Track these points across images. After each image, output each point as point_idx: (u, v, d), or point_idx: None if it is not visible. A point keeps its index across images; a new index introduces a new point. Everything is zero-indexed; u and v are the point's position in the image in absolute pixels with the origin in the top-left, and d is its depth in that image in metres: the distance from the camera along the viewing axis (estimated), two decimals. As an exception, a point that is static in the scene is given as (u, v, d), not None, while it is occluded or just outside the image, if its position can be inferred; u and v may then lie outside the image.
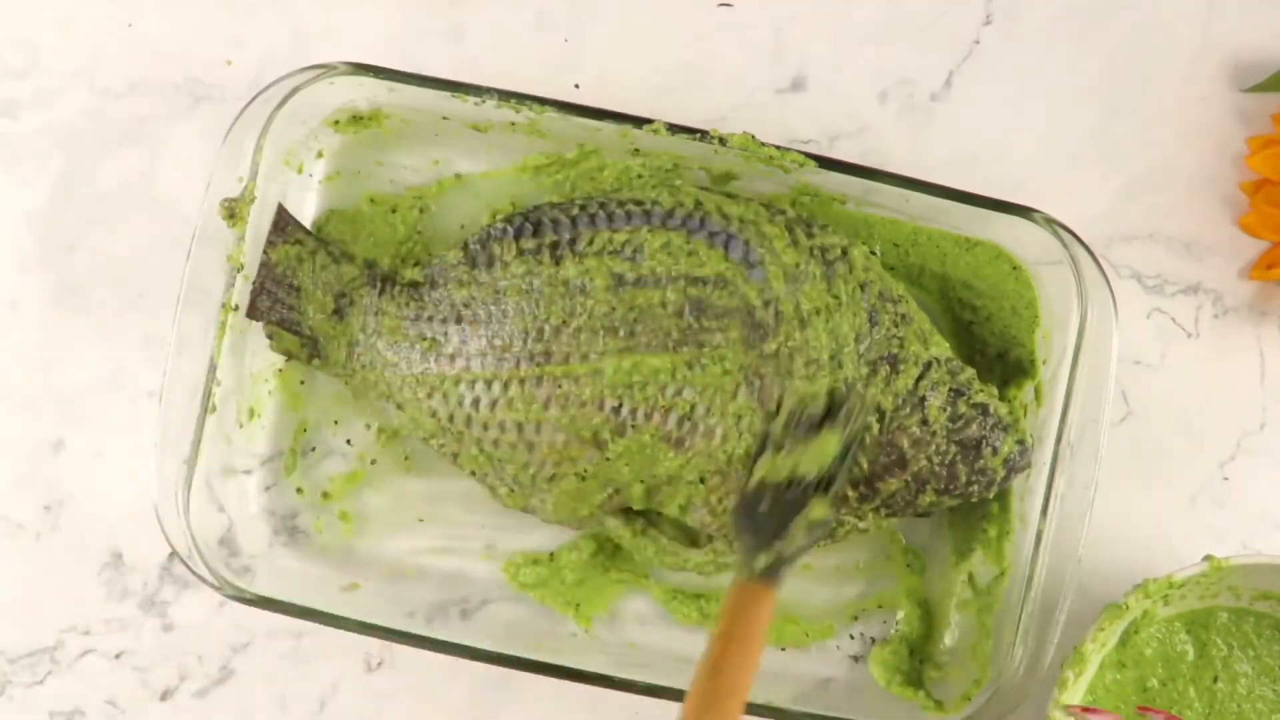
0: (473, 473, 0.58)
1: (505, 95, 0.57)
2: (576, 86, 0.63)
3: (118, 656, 0.62)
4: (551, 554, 0.61)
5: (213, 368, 0.58)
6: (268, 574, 0.59)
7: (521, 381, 0.56)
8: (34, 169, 0.63)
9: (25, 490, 0.62)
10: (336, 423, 0.61)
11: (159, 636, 0.62)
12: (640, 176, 0.59)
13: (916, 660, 0.60)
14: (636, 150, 0.59)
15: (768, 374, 0.55)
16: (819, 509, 0.53)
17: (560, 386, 0.56)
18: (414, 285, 0.58)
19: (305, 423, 0.61)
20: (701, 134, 0.57)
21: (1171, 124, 0.64)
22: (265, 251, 0.57)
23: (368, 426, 0.61)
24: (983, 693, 0.57)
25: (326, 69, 0.57)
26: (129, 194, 0.63)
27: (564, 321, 0.56)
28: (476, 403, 0.57)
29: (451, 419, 0.57)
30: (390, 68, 0.57)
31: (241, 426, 0.60)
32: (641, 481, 0.56)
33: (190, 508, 0.57)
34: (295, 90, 0.57)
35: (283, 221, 0.58)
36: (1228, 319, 0.63)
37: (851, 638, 0.61)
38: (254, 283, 0.57)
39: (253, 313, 0.58)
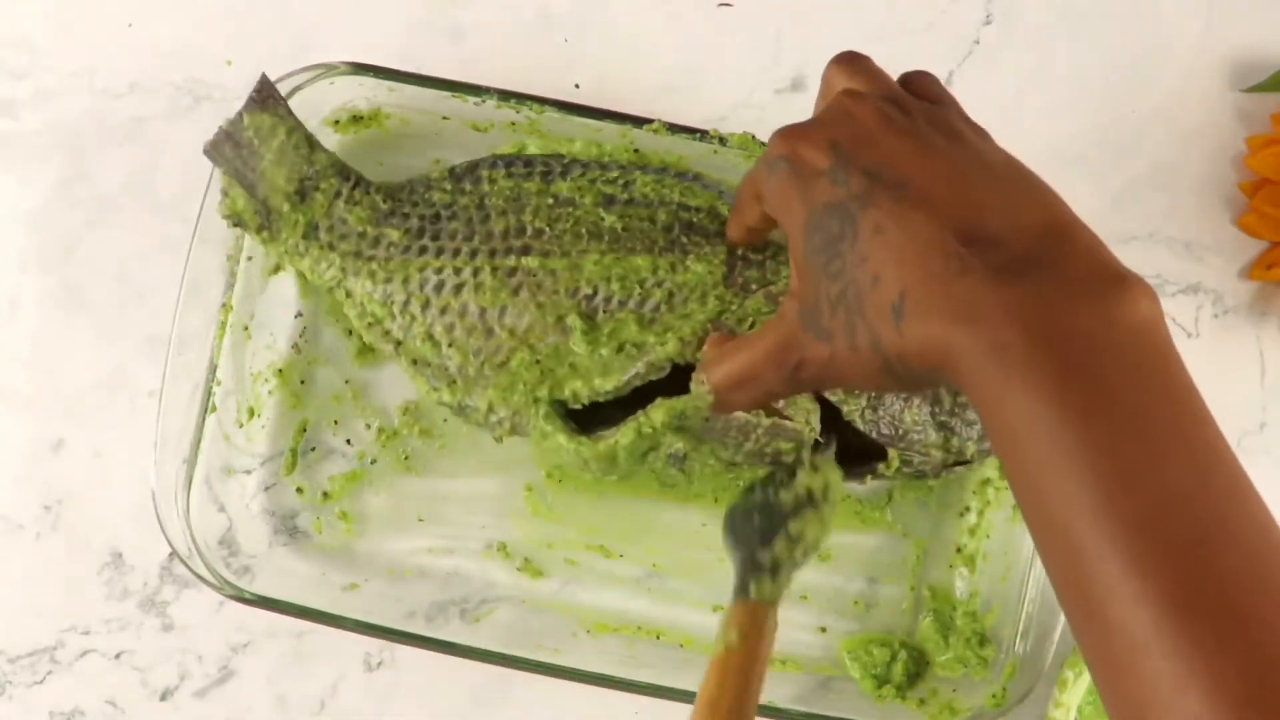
0: (413, 362, 0.56)
1: (505, 95, 0.57)
2: (577, 86, 0.63)
3: (118, 656, 0.61)
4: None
5: (213, 368, 0.58)
6: (268, 574, 0.59)
7: (494, 270, 0.55)
8: (34, 169, 0.63)
9: (25, 490, 0.62)
10: (336, 423, 0.61)
11: (159, 636, 0.62)
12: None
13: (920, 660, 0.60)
14: (636, 150, 0.59)
15: (752, 276, 0.54)
16: (810, 522, 0.49)
17: (535, 276, 0.55)
18: (390, 187, 0.57)
19: (305, 422, 0.61)
20: (701, 134, 0.57)
21: (1171, 124, 0.64)
22: (241, 111, 0.56)
23: (368, 426, 0.61)
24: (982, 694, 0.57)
25: (326, 69, 0.57)
26: (129, 194, 0.63)
27: (549, 225, 0.55)
28: (440, 286, 0.55)
29: (407, 303, 0.55)
30: (390, 67, 0.57)
31: (241, 426, 0.60)
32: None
33: (190, 508, 0.57)
34: (295, 90, 0.57)
35: (264, 92, 0.56)
36: (1228, 319, 0.63)
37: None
38: (222, 126, 0.56)
39: (211, 152, 0.56)
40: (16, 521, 0.62)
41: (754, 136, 0.57)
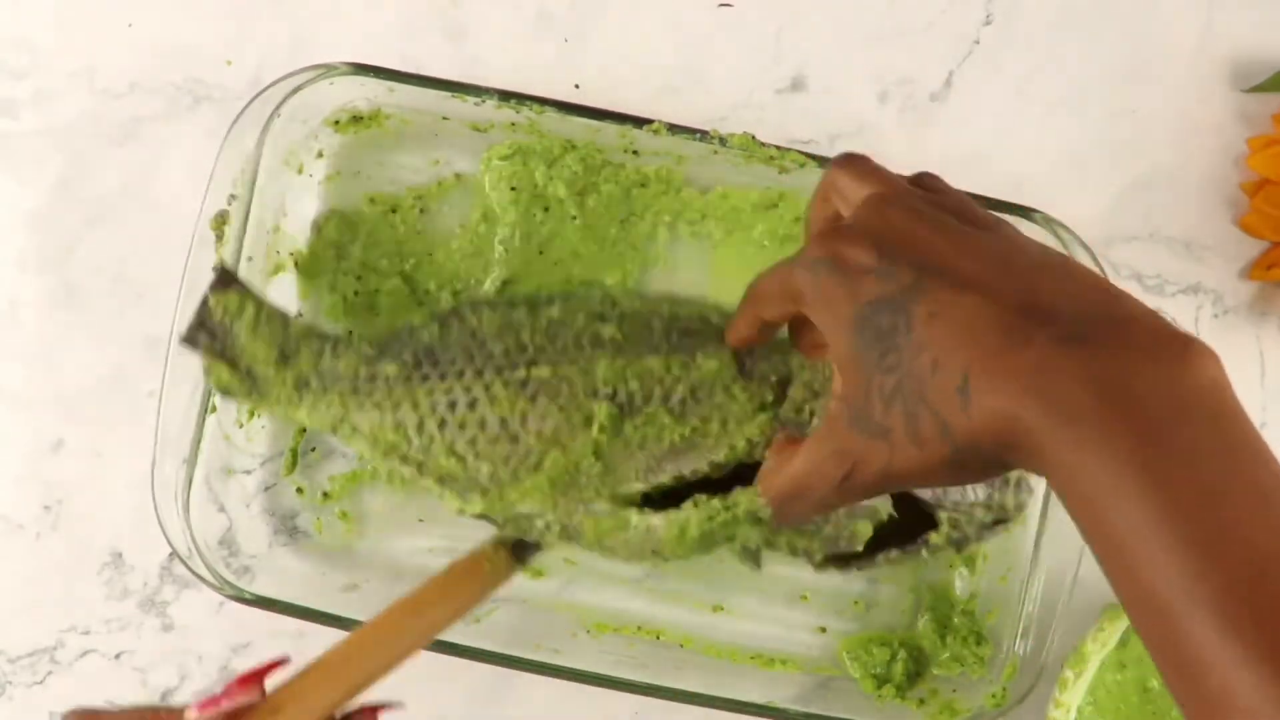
0: (440, 480, 0.53)
1: (505, 95, 0.57)
2: (576, 86, 0.63)
3: (118, 656, 0.61)
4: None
5: (213, 368, 0.58)
6: (268, 574, 0.59)
7: (505, 383, 0.53)
8: (34, 169, 0.63)
9: (25, 490, 0.62)
10: (336, 423, 0.61)
11: (159, 636, 0.62)
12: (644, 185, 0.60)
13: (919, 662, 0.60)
14: (635, 151, 0.59)
15: (764, 368, 0.53)
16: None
17: (549, 383, 0.53)
18: (373, 336, 0.56)
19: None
20: (701, 134, 0.57)
21: (1171, 124, 0.64)
22: (206, 293, 0.55)
23: (368, 426, 0.61)
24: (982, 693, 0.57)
25: (326, 69, 0.57)
26: (129, 194, 0.63)
27: (549, 341, 0.53)
28: (453, 405, 0.53)
29: (421, 424, 0.53)
30: (390, 68, 0.57)
31: (241, 426, 0.60)
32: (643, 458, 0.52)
33: (190, 508, 0.57)
34: (295, 90, 0.57)
35: (224, 276, 0.55)
36: (1228, 319, 0.63)
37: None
38: (195, 314, 0.54)
39: (187, 340, 0.54)
40: (16, 521, 0.62)
41: (754, 137, 0.57)
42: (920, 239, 0.40)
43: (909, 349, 0.39)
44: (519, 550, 0.51)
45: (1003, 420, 0.36)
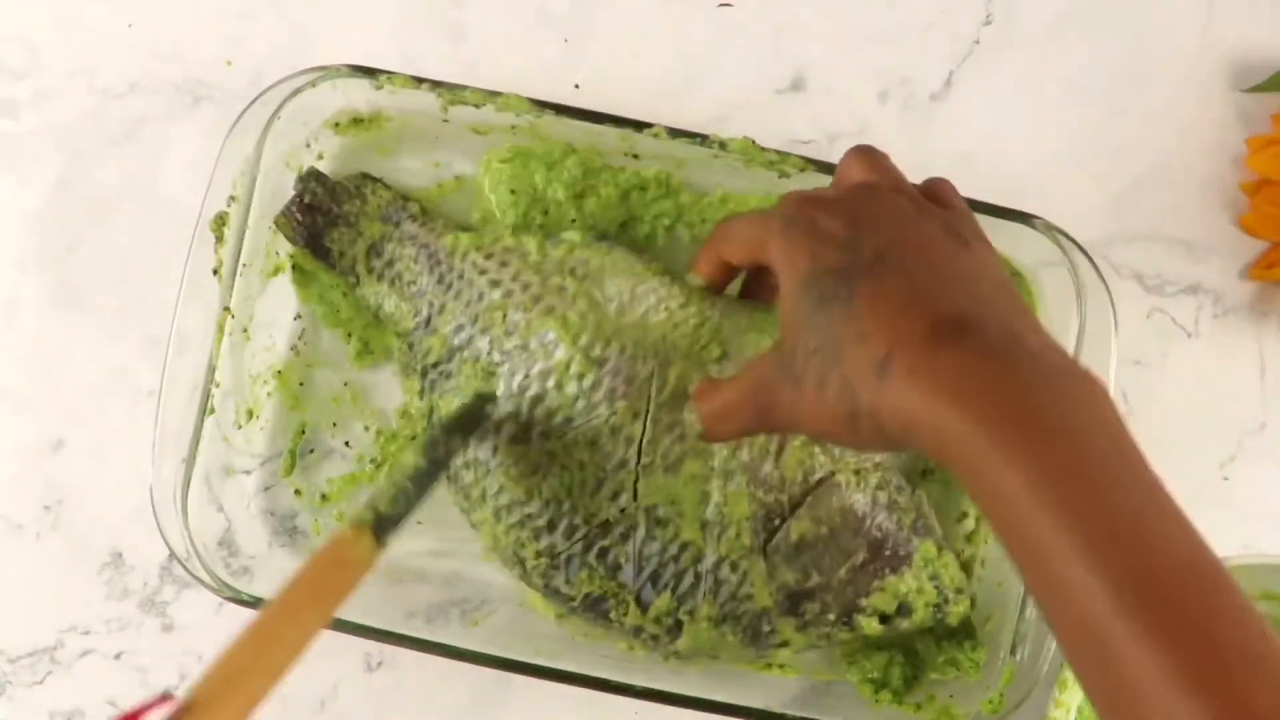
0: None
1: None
2: (576, 87, 0.63)
3: (118, 656, 0.62)
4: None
5: (211, 369, 0.58)
6: (267, 575, 0.59)
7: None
8: (34, 169, 0.63)
9: (25, 490, 0.62)
10: (335, 424, 0.61)
11: (159, 636, 0.62)
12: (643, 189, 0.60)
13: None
14: (635, 155, 0.59)
15: None
16: (409, 454, 0.51)
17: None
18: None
19: (304, 424, 0.61)
20: (702, 138, 0.57)
21: (1171, 124, 0.64)
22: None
23: (366, 429, 0.61)
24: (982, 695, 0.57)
25: (327, 71, 0.57)
26: (129, 194, 0.63)
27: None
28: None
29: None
30: (391, 70, 0.57)
31: (240, 427, 0.60)
32: None
33: (189, 509, 0.57)
34: (296, 92, 0.57)
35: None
36: (1228, 319, 0.63)
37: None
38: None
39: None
40: (16, 521, 0.62)
41: (754, 141, 0.57)
42: (891, 231, 0.44)
43: (841, 317, 0.42)
44: (379, 529, 0.48)
45: (913, 409, 0.39)
